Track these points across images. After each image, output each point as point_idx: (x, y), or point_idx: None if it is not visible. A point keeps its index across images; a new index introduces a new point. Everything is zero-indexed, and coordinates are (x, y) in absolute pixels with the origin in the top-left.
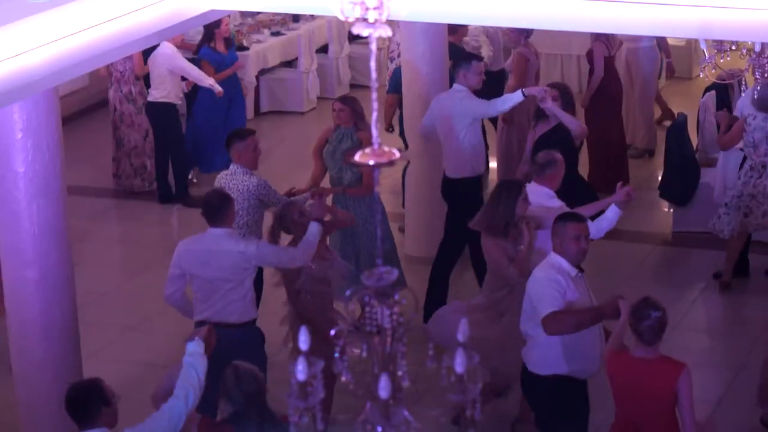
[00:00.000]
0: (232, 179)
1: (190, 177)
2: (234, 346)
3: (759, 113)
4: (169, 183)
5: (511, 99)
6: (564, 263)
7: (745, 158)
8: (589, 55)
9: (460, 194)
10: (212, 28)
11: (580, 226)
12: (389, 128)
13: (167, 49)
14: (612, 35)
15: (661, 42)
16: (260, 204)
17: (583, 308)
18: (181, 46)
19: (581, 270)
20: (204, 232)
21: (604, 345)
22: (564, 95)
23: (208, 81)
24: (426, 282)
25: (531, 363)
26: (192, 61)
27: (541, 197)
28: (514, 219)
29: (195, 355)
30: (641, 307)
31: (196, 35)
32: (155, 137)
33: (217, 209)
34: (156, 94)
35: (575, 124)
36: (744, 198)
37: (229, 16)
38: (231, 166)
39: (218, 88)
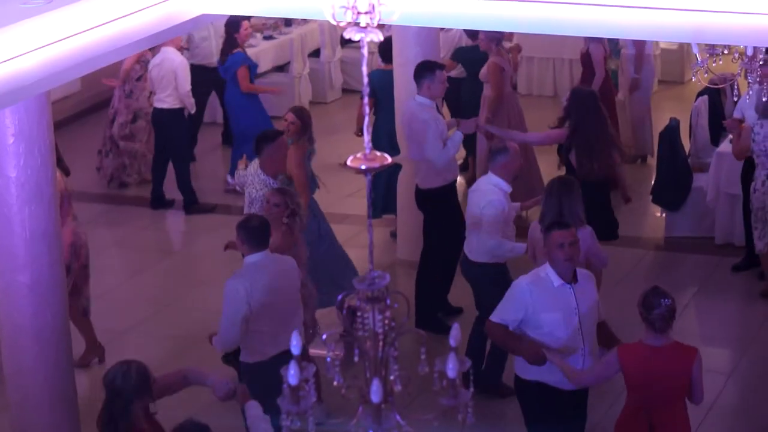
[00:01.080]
0: (254, 177)
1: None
2: None
3: (765, 121)
4: (163, 189)
5: (456, 141)
6: (551, 273)
7: (753, 167)
8: (584, 57)
9: (434, 203)
10: (232, 32)
11: (564, 233)
12: (359, 132)
13: (176, 56)
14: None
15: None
16: None
17: (515, 336)
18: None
19: (575, 280)
20: (246, 264)
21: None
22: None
23: (190, 101)
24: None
25: (516, 365)
26: (216, 70)
27: (487, 186)
28: (579, 215)
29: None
30: (651, 296)
31: (201, 42)
32: (159, 143)
33: (259, 233)
34: (170, 101)
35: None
36: None
37: (249, 20)
38: (257, 166)
39: (191, 111)
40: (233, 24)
